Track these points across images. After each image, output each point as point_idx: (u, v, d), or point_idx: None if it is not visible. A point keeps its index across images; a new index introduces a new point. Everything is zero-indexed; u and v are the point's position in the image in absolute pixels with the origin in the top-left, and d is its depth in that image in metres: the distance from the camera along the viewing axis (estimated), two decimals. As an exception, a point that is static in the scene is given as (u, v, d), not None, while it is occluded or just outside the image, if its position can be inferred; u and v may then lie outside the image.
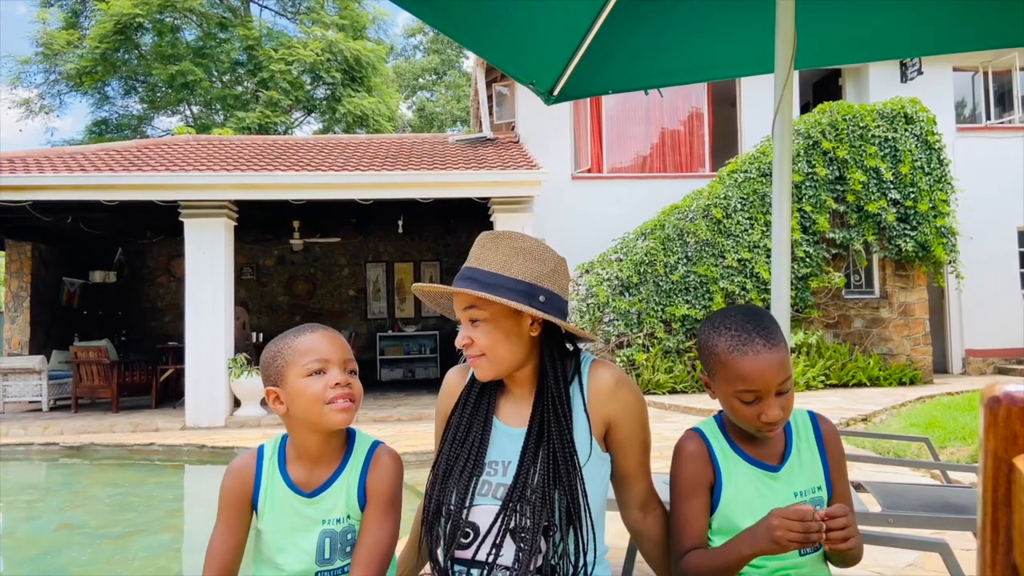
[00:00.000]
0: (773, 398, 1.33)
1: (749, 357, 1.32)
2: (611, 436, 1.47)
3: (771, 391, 1.33)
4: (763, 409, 1.33)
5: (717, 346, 1.36)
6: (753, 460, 1.43)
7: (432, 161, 10.23)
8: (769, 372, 1.32)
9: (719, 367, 1.37)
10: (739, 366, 1.33)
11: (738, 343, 1.34)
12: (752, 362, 1.32)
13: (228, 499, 1.45)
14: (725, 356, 1.35)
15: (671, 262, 10.72)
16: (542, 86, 2.87)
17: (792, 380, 1.36)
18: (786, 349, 1.35)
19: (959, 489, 2.90)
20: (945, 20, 2.52)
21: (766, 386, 1.32)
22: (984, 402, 0.48)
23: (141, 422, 8.96)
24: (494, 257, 1.43)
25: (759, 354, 1.32)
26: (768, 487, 1.41)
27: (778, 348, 1.33)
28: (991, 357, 12.65)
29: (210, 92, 24.99)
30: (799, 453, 1.44)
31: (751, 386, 1.32)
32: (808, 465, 1.44)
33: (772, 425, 1.34)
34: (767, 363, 1.32)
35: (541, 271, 1.43)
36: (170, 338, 13.17)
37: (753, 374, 1.32)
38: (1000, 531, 0.46)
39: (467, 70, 33.06)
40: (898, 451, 5.66)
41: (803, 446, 1.45)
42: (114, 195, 9.07)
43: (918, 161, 11.23)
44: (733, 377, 1.34)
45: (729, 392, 1.36)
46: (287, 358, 1.41)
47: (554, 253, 1.48)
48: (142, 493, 6.12)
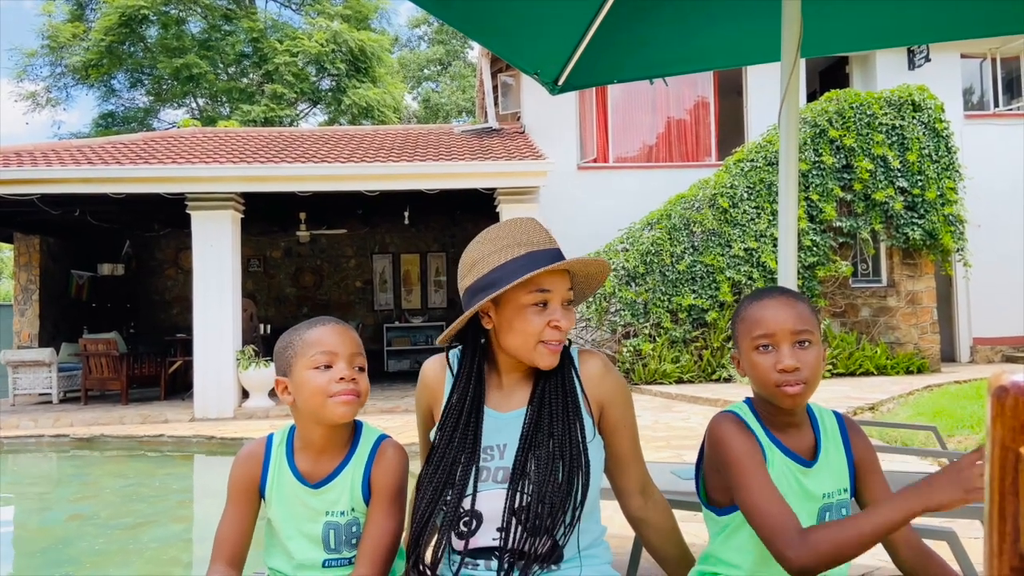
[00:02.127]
0: (789, 346, 1.31)
1: (764, 302, 1.36)
2: (604, 419, 1.48)
3: (787, 338, 1.31)
4: (780, 357, 1.31)
5: (742, 306, 1.40)
6: (788, 450, 1.36)
7: (438, 152, 10.22)
8: (783, 315, 1.32)
9: (740, 324, 1.39)
10: (755, 312, 1.36)
11: (758, 296, 1.38)
12: (766, 306, 1.35)
13: (237, 486, 1.47)
14: (745, 311, 1.38)
15: (677, 252, 10.69)
16: (547, 76, 2.86)
17: (817, 339, 1.34)
18: (809, 309, 1.35)
19: (967, 478, 2.89)
20: (953, 6, 2.50)
21: (780, 329, 1.32)
22: (991, 391, 0.48)
23: (150, 414, 9.01)
24: (549, 236, 1.46)
25: (775, 299, 1.35)
26: (800, 483, 1.34)
27: (798, 301, 1.35)
28: (999, 345, 12.60)
29: (215, 85, 24.99)
30: (827, 452, 1.39)
31: (765, 328, 1.33)
32: (835, 465, 1.39)
33: (788, 376, 1.29)
34: (783, 306, 1.34)
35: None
36: (178, 330, 13.22)
37: (766, 317, 1.33)
38: (1007, 520, 0.46)
39: (472, 61, 32.95)
40: (905, 440, 5.65)
41: (830, 446, 1.40)
42: (121, 188, 9.10)
43: (926, 149, 11.16)
44: (751, 325, 1.35)
45: (749, 348, 1.36)
46: (296, 349, 1.42)
47: None
48: (152, 484, 6.16)
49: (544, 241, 1.42)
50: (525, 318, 1.38)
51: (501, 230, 1.44)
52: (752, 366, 1.35)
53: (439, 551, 1.40)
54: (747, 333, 1.36)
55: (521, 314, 1.38)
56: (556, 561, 1.37)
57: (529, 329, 1.38)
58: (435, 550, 1.41)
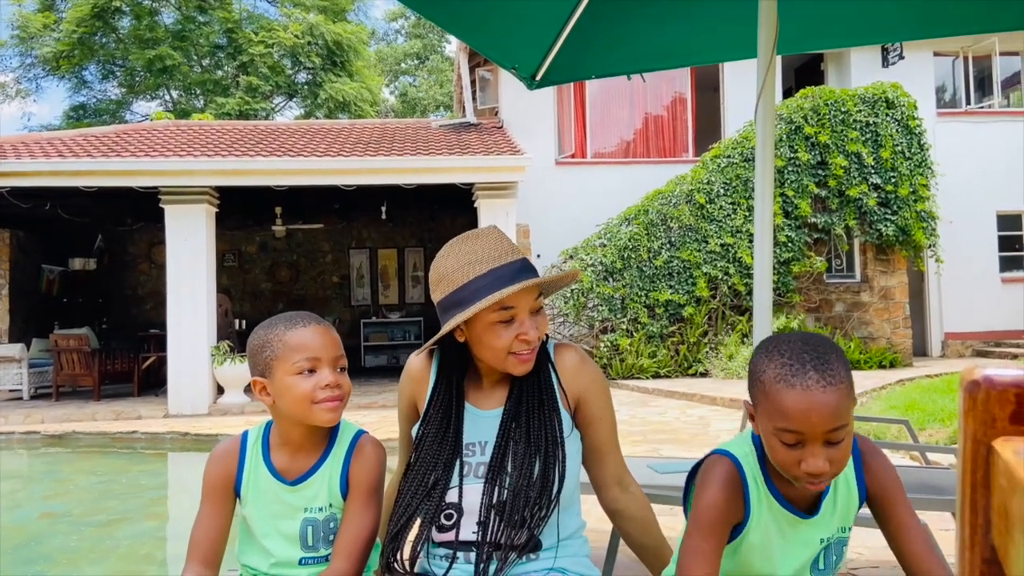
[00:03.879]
0: (819, 446, 1.13)
1: (796, 391, 1.12)
2: (581, 412, 1.50)
3: (817, 437, 1.13)
4: (805, 456, 1.14)
5: (765, 372, 1.17)
6: (786, 503, 1.27)
7: (415, 146, 10.18)
8: (816, 413, 1.11)
9: (762, 397, 1.18)
10: (782, 400, 1.13)
11: (787, 372, 1.14)
12: (798, 397, 1.12)
13: (211, 484, 1.45)
14: (770, 385, 1.16)
15: (655, 247, 10.75)
16: (525, 71, 2.86)
17: (850, 429, 1.16)
18: (848, 391, 1.14)
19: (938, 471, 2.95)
20: (926, 5, 2.53)
21: (811, 429, 1.12)
22: (963, 386, 0.48)
23: (123, 410, 8.90)
24: (516, 248, 1.47)
25: (808, 390, 1.12)
26: (794, 531, 1.27)
27: (835, 388, 1.12)
28: (970, 340, 12.82)
29: (189, 77, 24.69)
30: (834, 496, 1.28)
31: (793, 425, 1.13)
32: (842, 504, 1.28)
33: (813, 478, 1.14)
34: (816, 402, 1.11)
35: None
36: (152, 326, 13.06)
37: (796, 412, 1.12)
38: (979, 513, 0.46)
39: (450, 55, 32.87)
40: (878, 433, 5.73)
41: (839, 486, 1.29)
42: (93, 181, 8.96)
43: (899, 146, 11.31)
44: (773, 411, 1.15)
45: (769, 429, 1.17)
46: (277, 352, 1.39)
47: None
48: (125, 481, 6.09)
49: (507, 253, 1.43)
50: (493, 334, 1.40)
51: (464, 245, 1.45)
52: (771, 448, 1.19)
53: (418, 545, 1.42)
54: (768, 414, 1.17)
55: (489, 331, 1.40)
56: (533, 550, 1.39)
57: (498, 344, 1.40)
58: (414, 544, 1.43)
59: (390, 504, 1.50)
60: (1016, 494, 0.41)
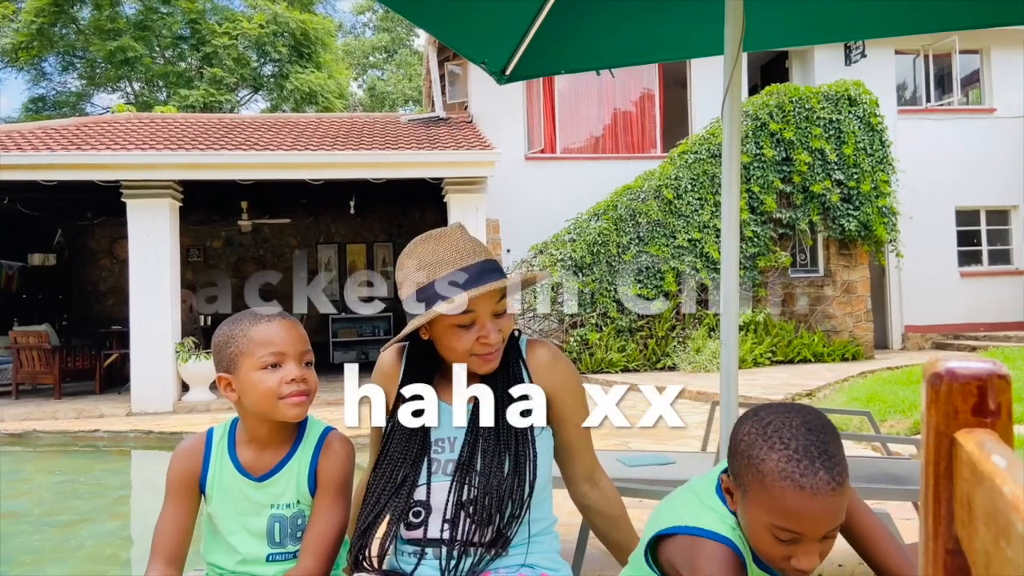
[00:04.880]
0: (816, 543, 1.07)
1: (806, 493, 1.03)
2: (553, 408, 1.48)
3: (816, 537, 1.06)
4: (798, 553, 1.07)
5: (765, 462, 1.06)
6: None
7: (384, 141, 10.10)
8: (823, 517, 1.04)
9: (759, 487, 1.07)
10: (789, 501, 1.04)
11: (796, 470, 1.04)
12: (807, 501, 1.03)
13: (176, 482, 1.43)
14: (772, 480, 1.05)
15: (623, 242, 10.80)
16: (494, 65, 2.85)
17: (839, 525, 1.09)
18: (848, 484, 1.06)
19: (899, 461, 3.01)
20: (887, 4, 2.57)
21: (814, 532, 1.05)
22: (926, 378, 0.49)
23: (85, 408, 8.74)
24: (481, 247, 1.45)
25: (818, 493, 1.02)
26: None
27: (842, 488, 1.04)
28: (929, 333, 13.08)
29: (152, 68, 24.21)
30: None
31: (796, 527, 1.05)
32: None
33: (803, 573, 1.08)
34: (826, 507, 1.03)
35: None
36: (114, 322, 12.81)
37: (804, 515, 1.04)
38: (942, 503, 0.47)
39: (419, 49, 32.62)
40: (841, 425, 5.83)
41: None
42: (53, 175, 8.77)
43: (861, 143, 11.49)
44: (776, 509, 1.05)
45: (763, 522, 1.08)
46: (241, 347, 1.38)
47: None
48: (88, 480, 5.98)
49: (470, 254, 1.42)
50: (454, 336, 1.39)
51: (427, 244, 1.44)
52: (758, 540, 1.11)
53: (386, 542, 1.41)
54: (766, 508, 1.07)
55: (449, 333, 1.39)
56: (503, 547, 1.38)
57: (459, 347, 1.39)
58: (382, 541, 1.42)
59: (359, 500, 1.49)
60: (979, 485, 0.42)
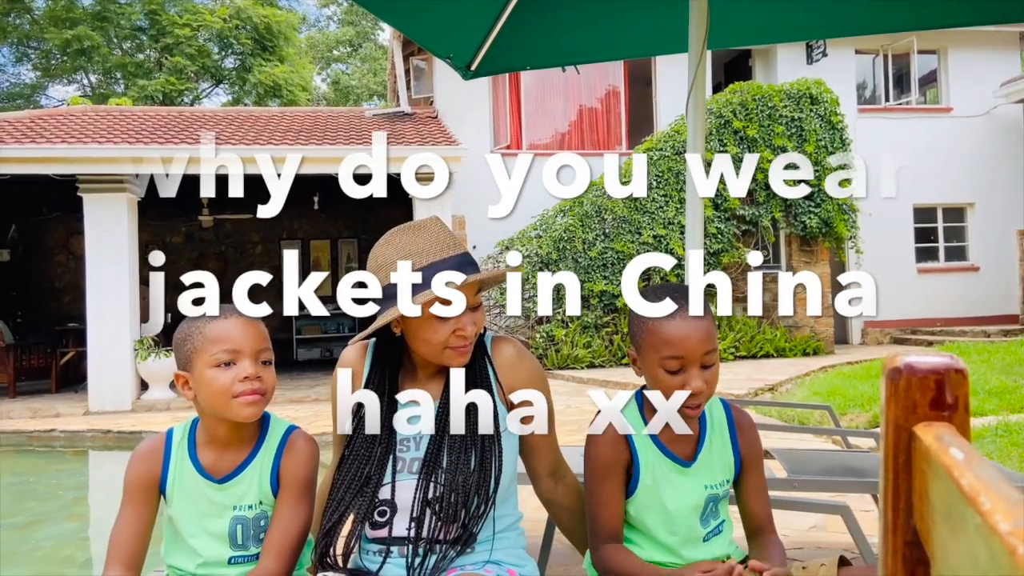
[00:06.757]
0: (697, 369, 1.33)
1: (676, 322, 1.32)
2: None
3: (696, 360, 1.33)
4: (687, 379, 1.32)
5: (644, 313, 1.32)
6: (666, 450, 1.43)
7: (348, 136, 10.01)
8: (695, 338, 1.32)
9: (646, 334, 1.36)
10: (666, 330, 1.33)
11: (665, 307, 1.30)
12: (679, 327, 1.32)
13: (134, 484, 1.39)
14: (653, 322, 1.34)
15: (589, 238, 10.85)
16: (460, 60, 2.83)
17: (717, 355, 1.37)
18: (713, 323, 1.36)
19: (859, 454, 3.07)
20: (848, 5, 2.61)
21: (691, 352, 1.32)
22: (886, 373, 0.49)
23: (41, 407, 8.53)
24: (458, 241, 1.46)
25: (686, 319, 1.33)
26: (678, 481, 1.42)
27: (705, 318, 1.34)
28: (888, 328, 13.36)
29: (109, 59, 23.67)
30: (711, 445, 1.45)
31: (677, 352, 1.32)
32: (719, 456, 1.45)
33: (696, 398, 1.32)
34: (694, 328, 1.32)
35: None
36: (70, 319, 12.50)
37: (679, 339, 1.32)
38: (901, 496, 0.48)
39: (384, 43, 32.38)
40: (802, 419, 5.92)
41: (715, 437, 1.46)
42: (6, 169, 8.52)
43: (822, 140, 11.69)
44: (659, 343, 1.34)
45: (655, 360, 1.35)
46: (196, 344, 1.35)
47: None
48: (44, 481, 5.84)
49: (446, 247, 1.41)
50: (430, 328, 1.38)
51: (405, 235, 1.43)
52: (657, 380, 1.36)
53: (351, 541, 1.40)
54: (653, 348, 1.35)
55: (424, 325, 1.37)
56: (468, 544, 1.38)
57: (434, 339, 1.38)
58: (347, 540, 1.41)
59: (324, 498, 1.47)
60: (936, 478, 0.43)
